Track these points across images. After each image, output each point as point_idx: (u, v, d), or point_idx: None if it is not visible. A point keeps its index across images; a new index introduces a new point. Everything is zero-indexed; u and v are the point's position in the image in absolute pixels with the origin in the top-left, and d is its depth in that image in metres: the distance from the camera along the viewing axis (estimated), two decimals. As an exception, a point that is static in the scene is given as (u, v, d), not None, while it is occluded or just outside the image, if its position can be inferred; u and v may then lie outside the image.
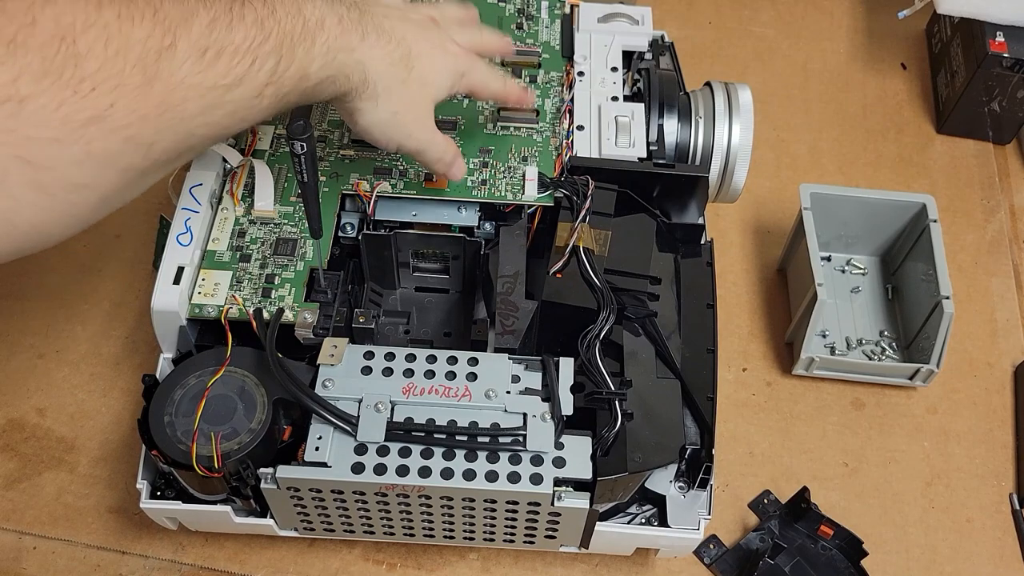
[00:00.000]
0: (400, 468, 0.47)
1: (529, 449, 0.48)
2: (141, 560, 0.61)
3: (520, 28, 0.68)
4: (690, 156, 0.62)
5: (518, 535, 0.53)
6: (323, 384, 0.49)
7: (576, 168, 0.58)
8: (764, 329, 0.73)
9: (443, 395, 0.49)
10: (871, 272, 0.75)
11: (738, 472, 0.66)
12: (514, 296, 0.54)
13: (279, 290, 0.54)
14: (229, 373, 0.50)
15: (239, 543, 0.61)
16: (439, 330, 0.62)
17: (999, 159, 0.85)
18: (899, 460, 0.67)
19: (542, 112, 0.63)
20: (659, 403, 0.52)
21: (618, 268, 0.54)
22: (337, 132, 0.61)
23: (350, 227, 0.58)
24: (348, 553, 0.61)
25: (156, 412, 0.49)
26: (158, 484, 0.54)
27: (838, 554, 0.61)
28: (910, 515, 0.65)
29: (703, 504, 0.55)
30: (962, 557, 0.63)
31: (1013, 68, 0.77)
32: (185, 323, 0.53)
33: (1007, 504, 0.66)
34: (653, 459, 0.50)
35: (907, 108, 0.88)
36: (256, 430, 0.49)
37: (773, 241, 0.78)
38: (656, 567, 0.62)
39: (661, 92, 0.62)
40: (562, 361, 0.51)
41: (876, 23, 0.94)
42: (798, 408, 0.69)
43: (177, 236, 0.55)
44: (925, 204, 0.70)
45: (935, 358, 0.65)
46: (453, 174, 0.55)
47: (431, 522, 0.52)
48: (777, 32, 0.93)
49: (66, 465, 0.64)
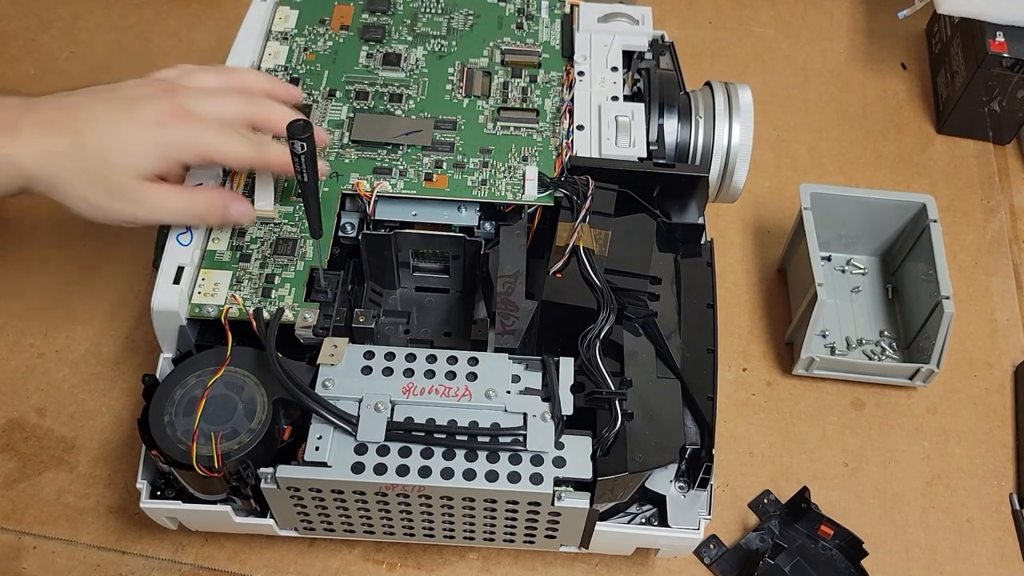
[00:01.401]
0: (400, 468, 0.47)
1: (529, 449, 0.48)
2: (141, 560, 0.61)
3: (520, 28, 0.68)
4: (690, 156, 0.62)
5: (518, 535, 0.53)
6: (323, 384, 0.49)
7: (576, 168, 0.58)
8: (764, 329, 0.73)
9: (443, 395, 0.49)
10: (871, 272, 0.75)
11: (738, 472, 0.66)
12: (514, 296, 0.54)
13: (279, 290, 0.54)
14: (229, 373, 0.50)
15: (239, 543, 0.61)
16: (439, 330, 0.62)
17: (999, 159, 0.85)
18: (899, 460, 0.67)
19: (542, 112, 0.63)
20: (659, 403, 0.52)
21: (618, 268, 0.54)
22: (337, 132, 0.61)
23: (350, 227, 0.58)
24: (348, 553, 0.61)
25: (156, 412, 0.49)
26: (158, 484, 0.54)
27: (838, 554, 0.61)
28: (910, 515, 0.65)
29: (703, 504, 0.55)
30: (962, 557, 0.63)
31: (1013, 68, 0.77)
32: (185, 323, 0.53)
33: (1007, 504, 0.66)
34: (653, 459, 0.50)
35: (907, 108, 0.88)
36: (256, 430, 0.49)
37: (773, 241, 0.78)
38: (656, 567, 0.62)
39: (661, 92, 0.62)
40: (562, 361, 0.51)
41: (876, 23, 0.94)
42: (798, 408, 0.69)
43: (177, 236, 0.55)
44: (925, 204, 0.70)
45: (935, 358, 0.65)
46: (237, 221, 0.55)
47: (431, 522, 0.52)
48: (777, 32, 0.93)
49: (66, 465, 0.64)
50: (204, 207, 0.54)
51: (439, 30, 0.67)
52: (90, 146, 0.50)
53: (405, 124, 0.61)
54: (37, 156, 0.49)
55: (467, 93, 0.63)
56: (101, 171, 0.50)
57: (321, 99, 0.62)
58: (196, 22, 0.90)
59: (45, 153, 0.49)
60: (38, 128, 0.49)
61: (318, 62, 0.64)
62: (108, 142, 0.50)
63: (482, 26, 0.67)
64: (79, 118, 0.50)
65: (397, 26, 0.67)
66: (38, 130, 0.49)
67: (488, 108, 0.63)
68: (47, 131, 0.49)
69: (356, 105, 0.62)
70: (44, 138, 0.49)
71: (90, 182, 0.50)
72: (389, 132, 0.61)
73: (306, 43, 0.66)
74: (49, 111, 0.51)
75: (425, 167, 0.59)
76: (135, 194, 0.52)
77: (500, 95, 0.63)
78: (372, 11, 0.68)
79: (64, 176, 0.50)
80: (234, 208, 0.54)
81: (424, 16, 0.68)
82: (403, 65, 0.65)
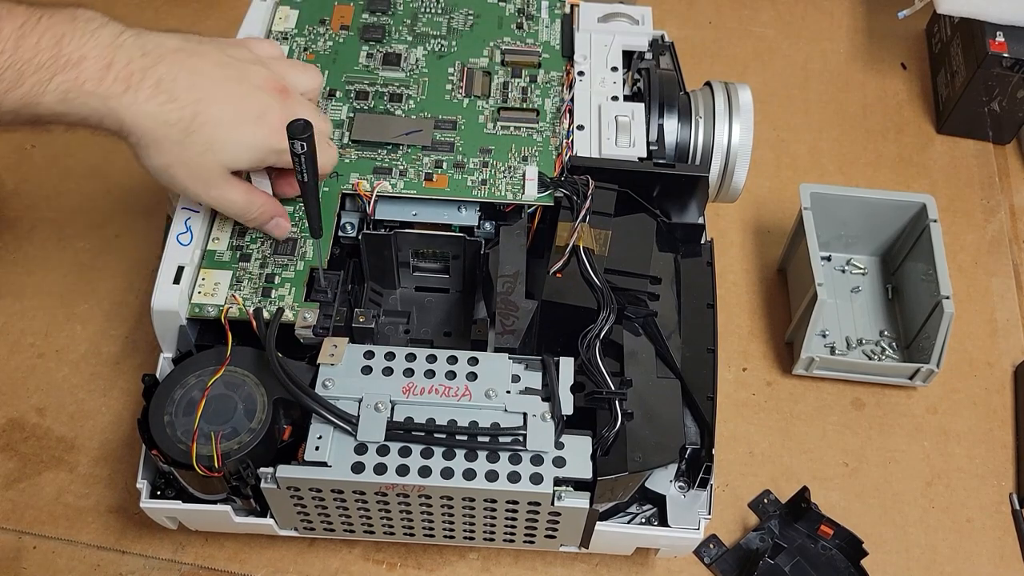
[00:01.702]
0: (400, 468, 0.47)
1: (529, 449, 0.48)
2: (141, 560, 0.61)
3: (520, 28, 0.68)
4: (690, 156, 0.62)
5: (518, 535, 0.53)
6: (323, 384, 0.49)
7: (576, 168, 0.58)
8: (764, 329, 0.73)
9: (443, 395, 0.49)
10: (871, 272, 0.75)
11: (738, 472, 0.66)
12: (514, 296, 0.54)
13: (279, 290, 0.54)
14: (229, 373, 0.50)
15: (239, 543, 0.61)
16: (439, 330, 0.62)
17: (999, 159, 0.85)
18: (899, 460, 0.67)
19: (542, 112, 0.63)
20: (659, 403, 0.52)
21: (618, 268, 0.54)
22: (337, 132, 0.61)
23: (350, 227, 0.58)
24: (348, 553, 0.61)
25: (156, 412, 0.49)
26: (158, 484, 0.54)
27: (838, 554, 0.61)
28: (910, 515, 0.65)
29: (703, 504, 0.55)
30: (962, 557, 0.63)
31: (1013, 68, 0.77)
32: (185, 323, 0.53)
33: (1007, 504, 0.66)
34: (653, 459, 0.50)
35: (907, 108, 0.88)
36: (256, 430, 0.49)
37: (773, 241, 0.78)
38: (656, 567, 0.62)
39: (661, 92, 0.62)
40: (562, 361, 0.51)
41: (876, 23, 0.94)
42: (798, 408, 0.69)
43: (177, 235, 0.55)
44: (925, 204, 0.70)
45: (935, 358, 0.65)
46: (271, 232, 0.55)
47: (431, 522, 0.52)
48: (777, 32, 0.93)
49: (66, 465, 0.64)
50: (257, 212, 0.54)
51: (439, 30, 0.67)
52: (199, 132, 0.49)
53: (405, 124, 0.61)
54: (145, 118, 0.48)
55: (467, 93, 0.63)
56: (197, 157, 0.50)
57: (321, 99, 0.62)
58: (196, 22, 0.90)
59: (154, 118, 0.48)
60: (155, 89, 0.48)
61: (318, 62, 0.64)
62: (218, 135, 0.50)
63: (482, 26, 0.67)
64: (198, 96, 0.49)
65: (397, 26, 0.67)
66: (154, 91, 0.48)
67: (488, 108, 0.63)
68: (163, 97, 0.48)
69: (356, 105, 0.62)
70: (158, 104, 0.48)
71: (181, 159, 0.50)
72: (389, 132, 0.61)
73: (306, 43, 0.66)
74: (170, 70, 0.48)
75: (425, 167, 0.59)
76: (213, 182, 0.51)
77: (500, 95, 0.63)
78: (372, 11, 0.68)
79: (160, 145, 0.49)
80: (276, 223, 0.55)
81: (424, 16, 0.68)
82: (403, 65, 0.65)
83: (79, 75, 0.46)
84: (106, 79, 0.47)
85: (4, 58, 0.44)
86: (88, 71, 0.46)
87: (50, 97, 0.46)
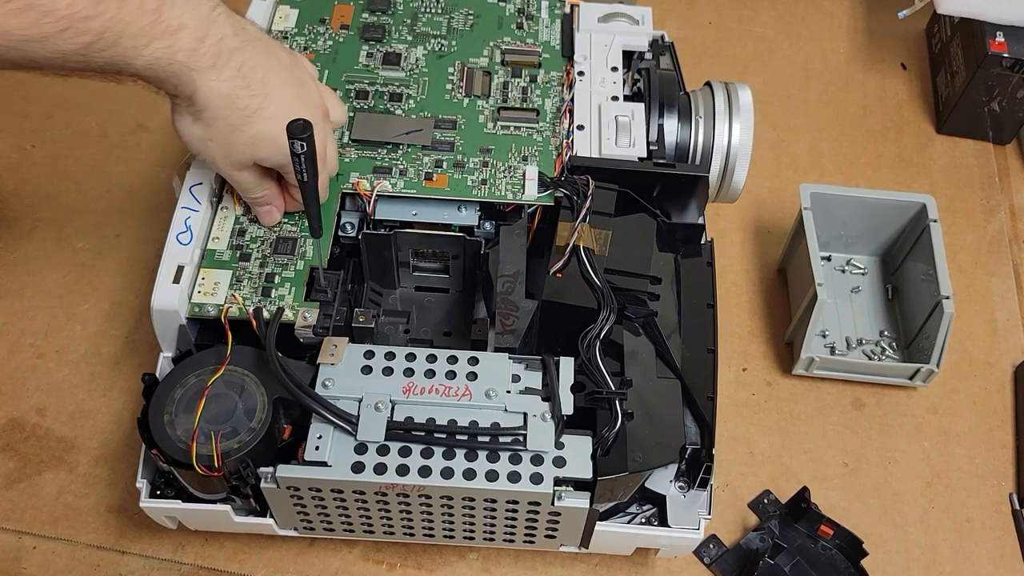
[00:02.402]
0: (400, 467, 0.47)
1: (529, 449, 0.48)
2: (141, 560, 0.61)
3: (520, 28, 0.68)
4: (690, 156, 0.62)
5: (518, 535, 0.53)
6: (323, 383, 0.49)
7: (576, 168, 0.58)
8: (764, 329, 0.73)
9: (443, 395, 0.49)
10: (871, 272, 0.75)
11: (738, 472, 0.66)
12: (514, 296, 0.54)
13: (279, 289, 0.54)
14: (229, 372, 0.50)
15: (239, 542, 0.61)
16: (439, 330, 0.62)
17: (999, 159, 0.85)
18: (899, 460, 0.67)
19: (542, 112, 0.63)
20: (659, 403, 0.52)
21: (618, 268, 0.54)
22: (337, 132, 0.61)
23: (350, 226, 0.58)
24: (348, 553, 0.61)
25: (156, 411, 0.49)
26: (158, 483, 0.54)
27: (838, 554, 0.61)
28: (910, 515, 0.65)
29: (703, 504, 0.55)
30: (962, 557, 0.63)
31: (1013, 68, 0.77)
32: (185, 322, 0.53)
33: (1007, 504, 0.66)
34: (653, 459, 0.50)
35: (907, 108, 0.88)
36: (256, 429, 0.48)
37: (773, 241, 0.78)
38: (656, 567, 0.62)
39: (661, 92, 0.62)
40: (562, 361, 0.51)
41: (876, 23, 0.94)
42: (798, 408, 0.69)
43: (177, 235, 0.55)
44: (925, 204, 0.70)
45: (935, 358, 0.65)
46: (261, 217, 0.56)
47: (431, 522, 0.52)
48: (777, 32, 0.93)
49: (66, 465, 0.64)
50: (262, 193, 0.55)
51: (439, 30, 0.67)
52: (254, 124, 0.50)
53: (405, 123, 0.61)
54: (219, 97, 0.49)
55: (467, 93, 0.63)
56: (240, 144, 0.51)
57: (321, 99, 0.62)
58: (196, 22, 0.89)
59: (227, 98, 0.49)
60: (236, 72, 0.49)
61: (318, 61, 0.64)
62: (267, 132, 0.51)
63: (482, 26, 0.67)
64: (266, 91, 0.50)
65: (397, 26, 0.67)
66: (235, 74, 0.49)
67: (488, 108, 0.63)
68: (241, 82, 0.49)
69: (356, 104, 0.62)
70: (236, 87, 0.49)
71: (226, 140, 0.51)
72: (389, 131, 0.61)
73: (306, 42, 0.66)
74: (252, 57, 0.50)
75: (425, 166, 0.59)
76: (240, 162, 0.52)
77: (500, 95, 0.63)
78: (372, 10, 0.68)
79: (217, 123, 0.50)
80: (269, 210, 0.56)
81: (424, 16, 0.68)
82: (403, 64, 0.65)
83: (174, 43, 0.46)
84: (198, 51, 0.47)
85: (107, 17, 0.44)
86: (183, 41, 0.47)
87: (141, 61, 0.46)
